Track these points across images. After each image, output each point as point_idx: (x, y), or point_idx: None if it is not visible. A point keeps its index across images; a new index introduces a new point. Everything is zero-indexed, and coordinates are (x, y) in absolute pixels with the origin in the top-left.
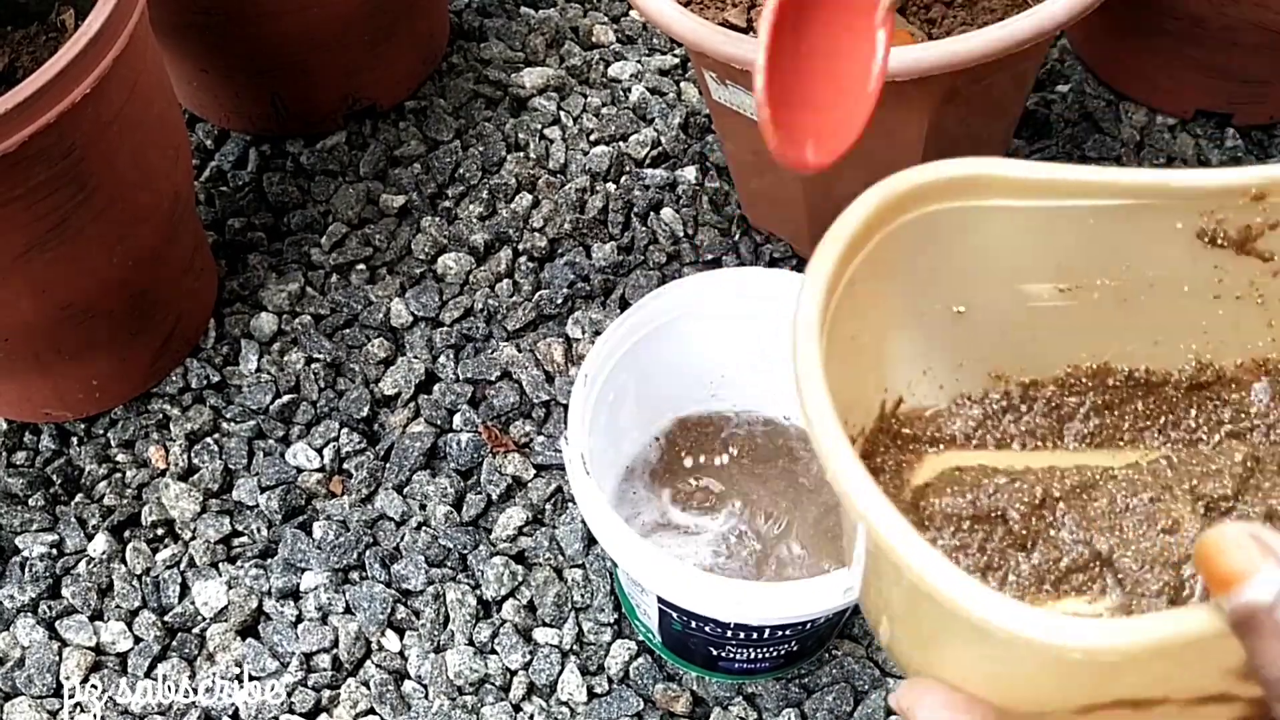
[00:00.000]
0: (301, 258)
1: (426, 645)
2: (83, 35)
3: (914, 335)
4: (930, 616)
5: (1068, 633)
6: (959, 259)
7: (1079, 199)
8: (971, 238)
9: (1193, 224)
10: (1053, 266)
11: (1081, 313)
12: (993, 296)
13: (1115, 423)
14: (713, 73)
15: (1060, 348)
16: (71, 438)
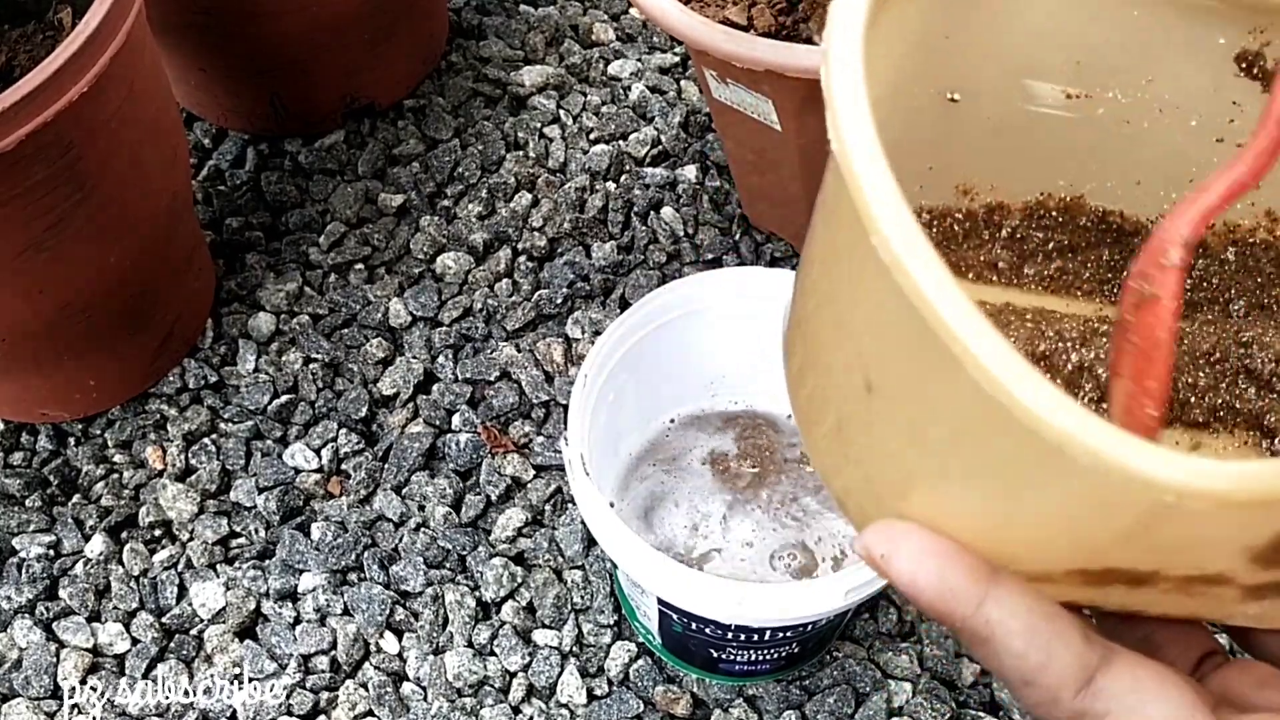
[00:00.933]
0: (299, 257)
1: (425, 647)
2: (80, 34)
3: (894, 123)
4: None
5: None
6: (975, 32)
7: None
8: (1000, 6)
9: (1237, 42)
10: (1071, 64)
11: (1077, 130)
12: (993, 87)
13: (1077, 269)
14: (713, 71)
15: (1040, 167)
16: (69, 438)
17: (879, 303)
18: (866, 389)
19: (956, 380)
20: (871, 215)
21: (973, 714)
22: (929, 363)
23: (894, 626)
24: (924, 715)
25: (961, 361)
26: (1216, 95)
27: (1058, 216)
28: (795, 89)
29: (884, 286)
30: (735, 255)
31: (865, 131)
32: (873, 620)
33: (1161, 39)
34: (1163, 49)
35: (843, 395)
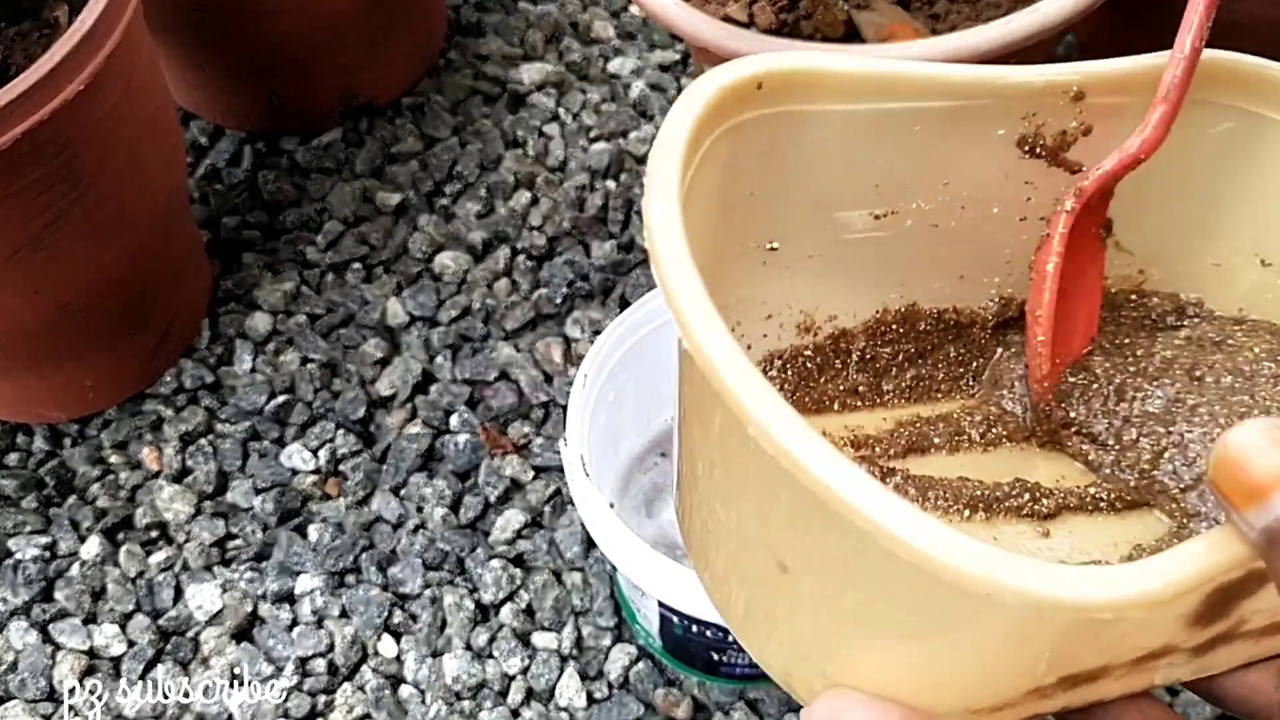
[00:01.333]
0: (297, 256)
1: (423, 649)
2: (76, 32)
3: (725, 286)
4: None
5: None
6: (779, 181)
7: (908, 100)
8: (794, 153)
9: (1014, 129)
10: (870, 189)
11: (892, 245)
12: (807, 229)
13: (930, 373)
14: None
15: (869, 290)
16: (64, 439)
17: (773, 491)
18: (781, 570)
19: (869, 552)
20: (745, 409)
21: None
22: (839, 540)
23: None
24: None
25: (872, 535)
26: (1009, 181)
27: (898, 329)
28: None
29: (773, 474)
30: None
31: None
32: None
33: (945, 146)
34: (949, 153)
35: (758, 578)
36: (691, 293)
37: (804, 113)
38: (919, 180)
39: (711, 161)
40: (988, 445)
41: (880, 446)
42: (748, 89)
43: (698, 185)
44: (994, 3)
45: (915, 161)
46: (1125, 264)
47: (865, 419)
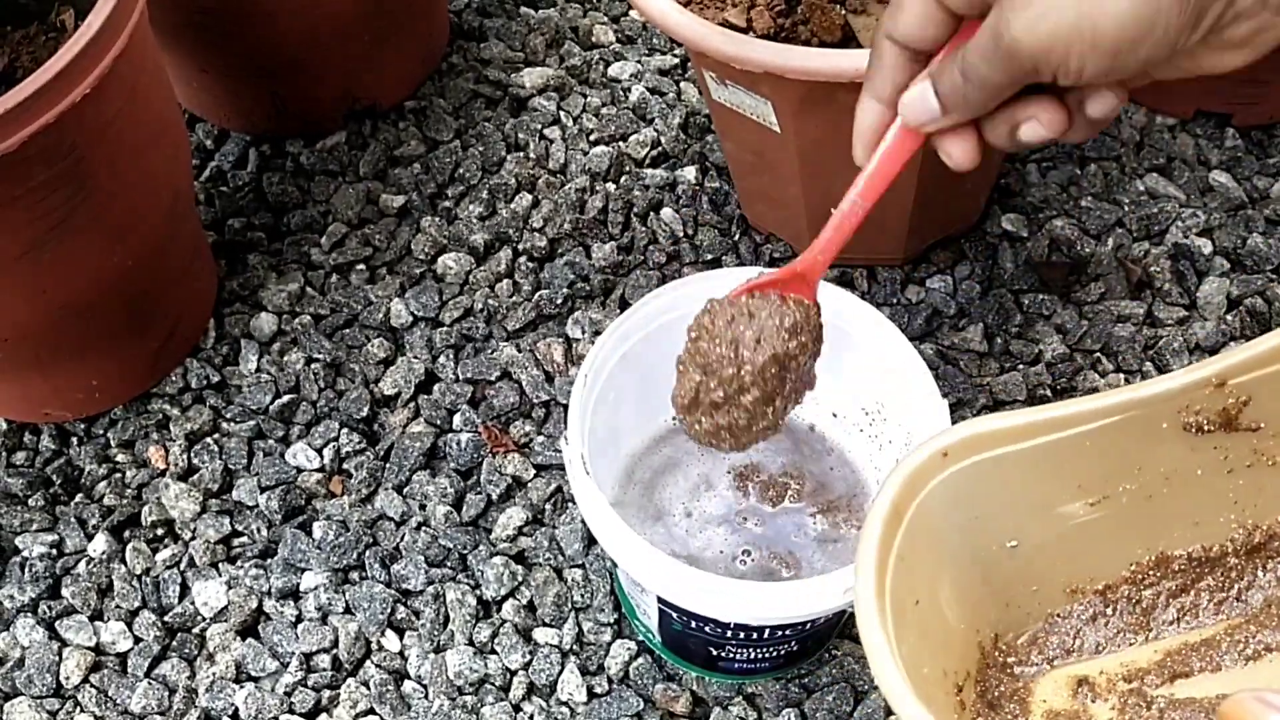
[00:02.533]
0: (301, 258)
1: (426, 645)
2: (82, 35)
3: (979, 578)
4: None
5: None
6: (992, 504)
7: (1070, 429)
8: (995, 484)
9: (1176, 421)
10: (1075, 487)
11: (1119, 517)
12: (1036, 526)
13: (1194, 602)
14: (713, 73)
15: (1117, 550)
16: (71, 438)
17: None
18: None
19: None
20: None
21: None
22: None
23: None
24: None
25: None
26: (1196, 453)
27: (1155, 574)
28: (794, 90)
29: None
30: (735, 255)
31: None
32: None
33: (1123, 445)
34: (1129, 450)
35: None
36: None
37: (992, 458)
38: (1114, 472)
39: (927, 510)
40: (1248, 660)
41: (1149, 677)
42: (935, 461)
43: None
44: None
45: (1103, 462)
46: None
47: (1139, 653)
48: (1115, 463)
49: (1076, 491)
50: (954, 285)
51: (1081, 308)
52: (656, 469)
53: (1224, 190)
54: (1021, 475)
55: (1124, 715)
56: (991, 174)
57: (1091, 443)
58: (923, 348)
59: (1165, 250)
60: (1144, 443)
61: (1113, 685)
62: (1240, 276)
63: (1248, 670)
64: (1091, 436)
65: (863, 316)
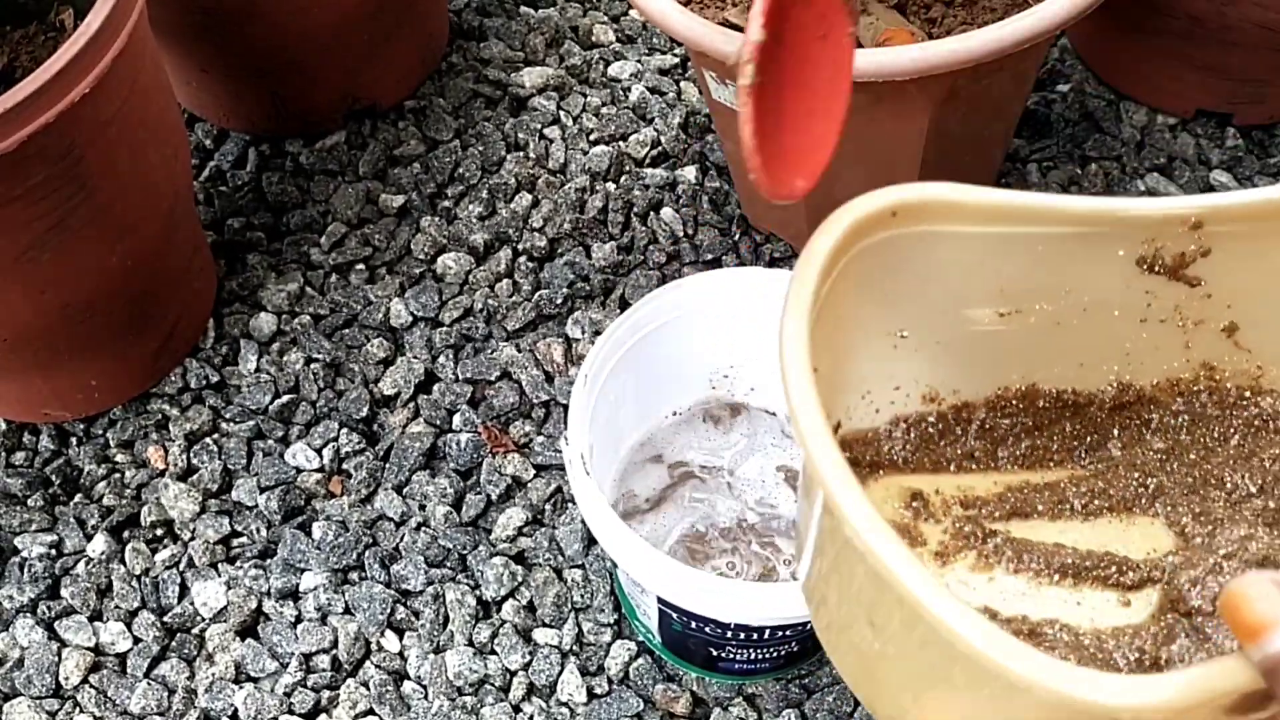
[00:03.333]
0: (301, 258)
1: (426, 646)
2: (82, 35)
3: (859, 362)
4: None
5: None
6: (911, 284)
7: (1032, 226)
8: (926, 262)
9: (1134, 251)
10: (996, 291)
11: (1016, 336)
12: (936, 321)
13: (1045, 444)
14: (713, 72)
15: (992, 370)
16: (71, 438)
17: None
18: (871, 625)
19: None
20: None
21: None
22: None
23: None
24: None
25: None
26: (1129, 290)
27: (1018, 404)
28: None
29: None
30: (735, 255)
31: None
32: None
33: (1070, 261)
34: (1072, 268)
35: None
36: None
37: (936, 233)
38: (1042, 287)
39: (849, 273)
40: (1088, 515)
41: (987, 508)
42: (883, 216)
43: (835, 291)
44: (989, 7)
45: (1039, 273)
46: (1244, 361)
47: (978, 481)
48: (1050, 277)
49: (996, 297)
50: None
51: None
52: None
53: (1224, 189)
54: (957, 262)
55: (957, 541)
56: (993, 173)
57: (1044, 248)
58: None
59: None
60: (1091, 265)
61: (948, 507)
62: None
63: (1087, 525)
64: (1047, 241)
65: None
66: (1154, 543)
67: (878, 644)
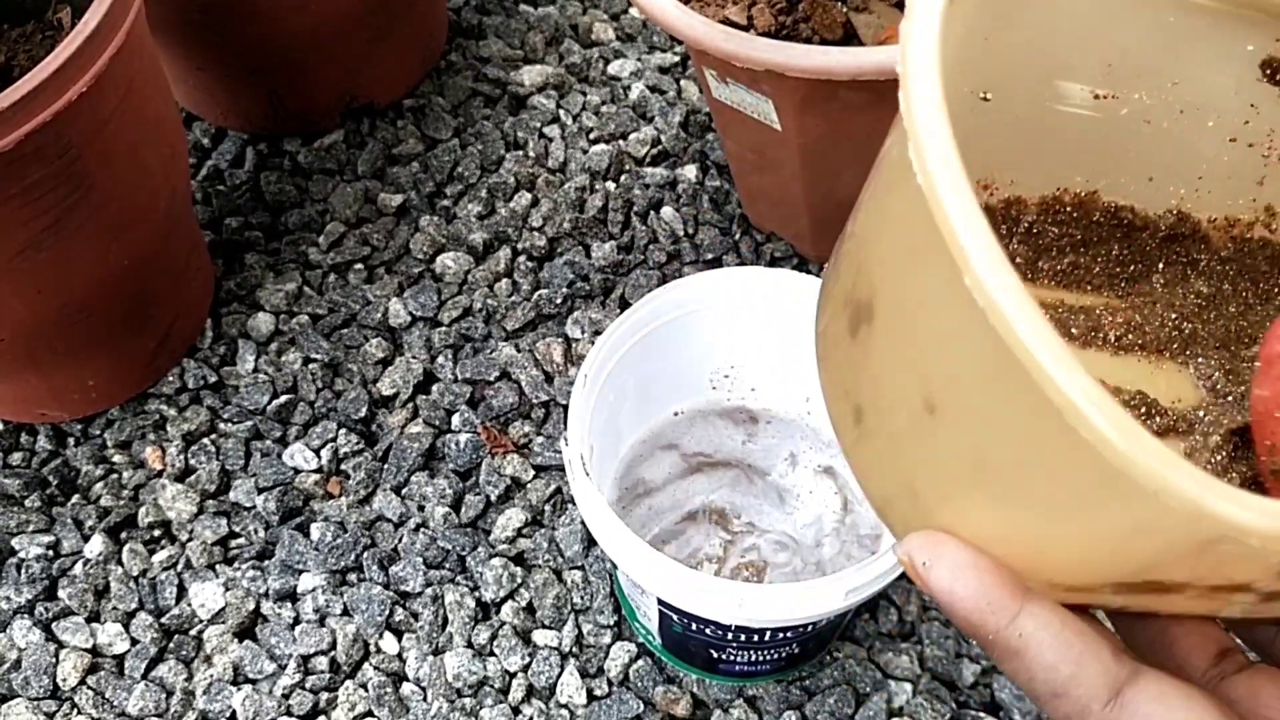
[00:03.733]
0: (299, 257)
1: (425, 647)
2: (79, 33)
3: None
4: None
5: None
6: (1017, 36)
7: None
8: (1043, 13)
9: (1263, 48)
10: (1103, 66)
11: (1100, 128)
12: (1024, 89)
13: (1088, 264)
14: (713, 70)
15: (1059, 163)
16: (68, 438)
17: (964, 338)
18: (928, 410)
19: (1048, 422)
20: (968, 260)
21: (973, 714)
22: (1012, 398)
23: (894, 627)
24: (924, 715)
25: (1061, 410)
26: (1236, 98)
27: (1072, 212)
28: (795, 88)
29: (975, 326)
30: (735, 255)
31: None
32: (873, 620)
33: (1191, 44)
34: (1191, 53)
35: (898, 412)
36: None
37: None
38: (1151, 71)
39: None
40: (1120, 349)
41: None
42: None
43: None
44: None
45: (1155, 52)
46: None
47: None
48: (1166, 60)
49: (1100, 73)
50: None
51: None
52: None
53: None
54: (1076, 19)
55: None
56: None
57: (1174, 19)
58: None
59: None
60: (1214, 52)
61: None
62: None
63: (1117, 360)
64: (1180, 10)
65: None
66: (1180, 392)
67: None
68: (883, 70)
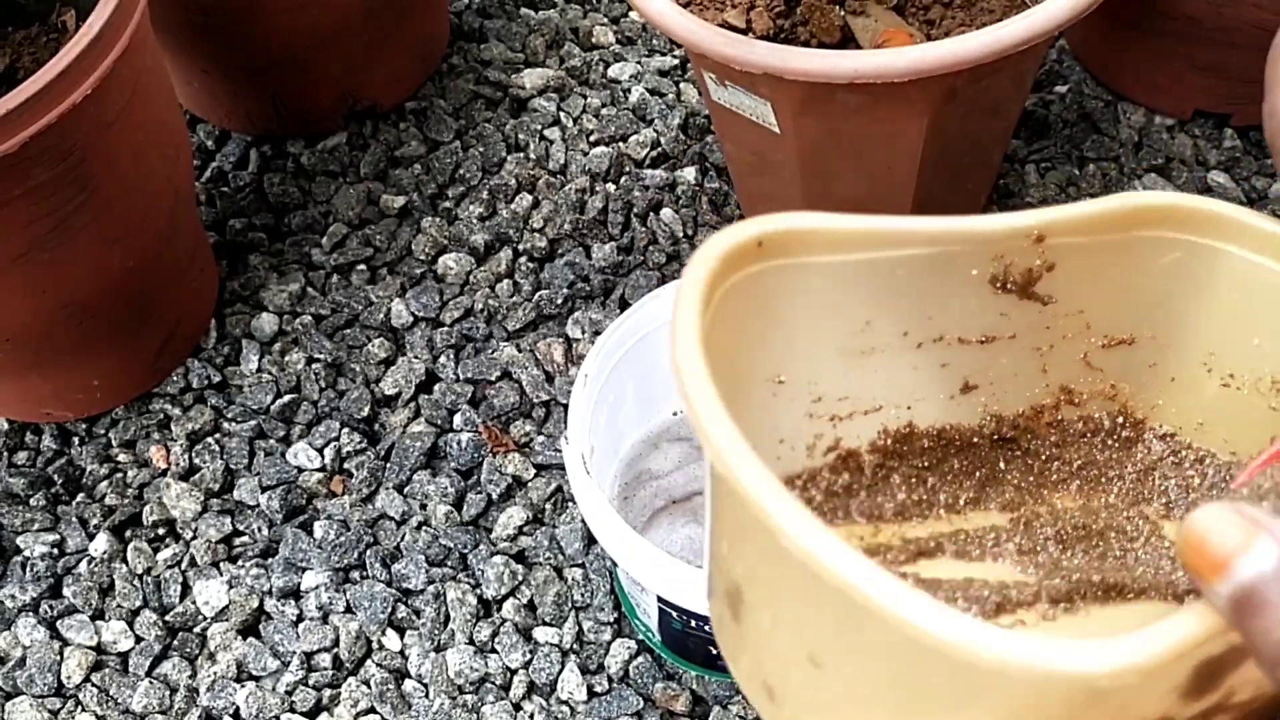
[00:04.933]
0: (302, 258)
1: (427, 644)
2: (84, 36)
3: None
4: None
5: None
6: (783, 322)
7: (890, 249)
8: (794, 297)
9: (986, 270)
10: (862, 324)
11: (886, 372)
12: (809, 363)
13: (938, 485)
14: (712, 74)
15: (865, 418)
16: (73, 438)
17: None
18: (814, 664)
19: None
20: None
21: None
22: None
23: None
24: None
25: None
26: (985, 313)
27: (900, 446)
28: (794, 91)
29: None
30: None
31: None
32: None
33: (927, 285)
34: (931, 292)
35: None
36: (721, 424)
37: (802, 264)
38: (907, 315)
39: (724, 311)
40: (996, 557)
41: (891, 554)
42: (750, 247)
43: (714, 330)
44: (988, 8)
45: (902, 300)
46: (1098, 381)
47: (880, 529)
48: (913, 303)
49: (863, 330)
50: None
51: None
52: (656, 468)
53: (1223, 190)
54: (824, 294)
55: None
56: (992, 174)
57: (904, 271)
58: None
59: None
60: (949, 285)
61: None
62: None
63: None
64: (907, 264)
65: None
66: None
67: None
68: (879, 73)
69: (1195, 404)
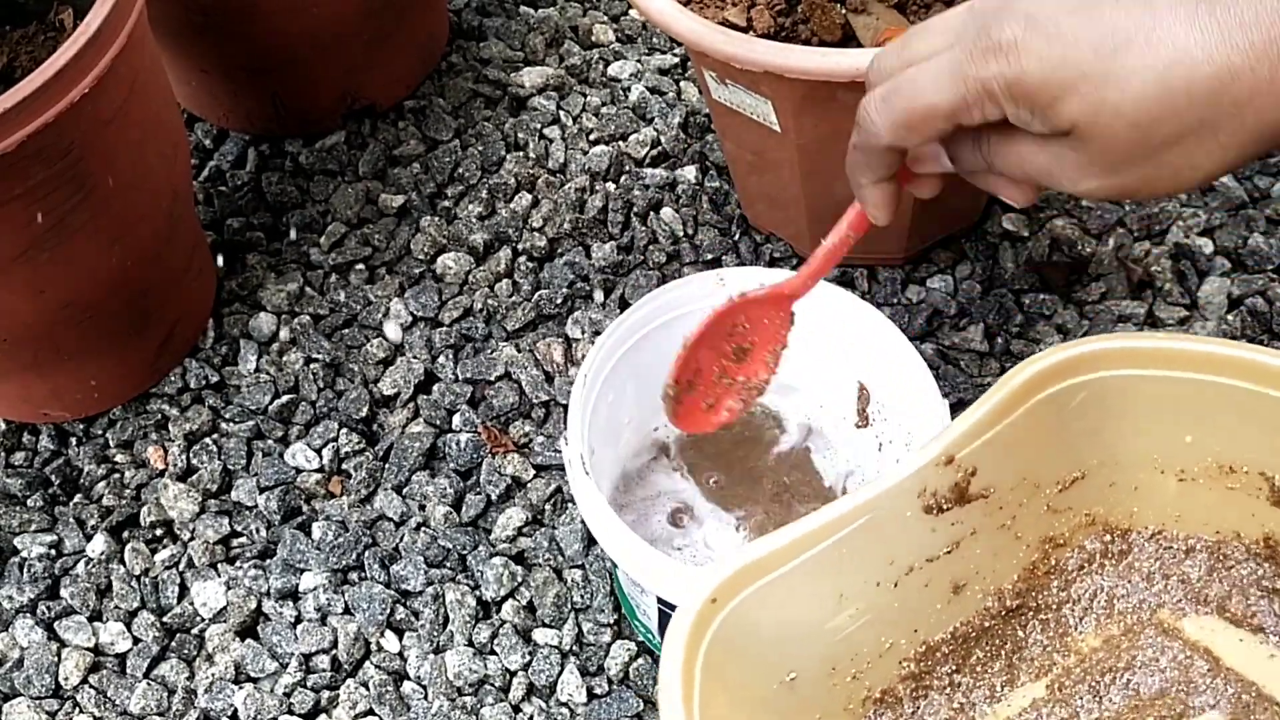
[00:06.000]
0: (300, 258)
1: (426, 646)
2: (81, 35)
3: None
4: None
5: None
6: (766, 639)
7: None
8: (765, 617)
9: (916, 507)
10: (837, 598)
11: (880, 617)
12: (809, 651)
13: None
14: (712, 72)
15: (885, 652)
16: (70, 438)
17: None
18: None
19: None
20: None
21: None
22: None
23: None
24: None
25: None
26: (937, 534)
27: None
28: (794, 90)
29: None
30: (735, 255)
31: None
32: None
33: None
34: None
35: None
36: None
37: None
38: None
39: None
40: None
41: None
42: (706, 610)
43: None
44: None
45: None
46: (1071, 517)
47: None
48: (870, 562)
49: (840, 602)
50: (954, 285)
51: (1082, 307)
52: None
53: (1225, 190)
54: (789, 600)
55: None
56: None
57: (847, 549)
58: (923, 347)
59: (1166, 250)
60: (893, 536)
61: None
62: (1241, 276)
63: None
64: (846, 542)
65: (863, 317)
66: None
67: None
68: None
69: (1165, 501)
